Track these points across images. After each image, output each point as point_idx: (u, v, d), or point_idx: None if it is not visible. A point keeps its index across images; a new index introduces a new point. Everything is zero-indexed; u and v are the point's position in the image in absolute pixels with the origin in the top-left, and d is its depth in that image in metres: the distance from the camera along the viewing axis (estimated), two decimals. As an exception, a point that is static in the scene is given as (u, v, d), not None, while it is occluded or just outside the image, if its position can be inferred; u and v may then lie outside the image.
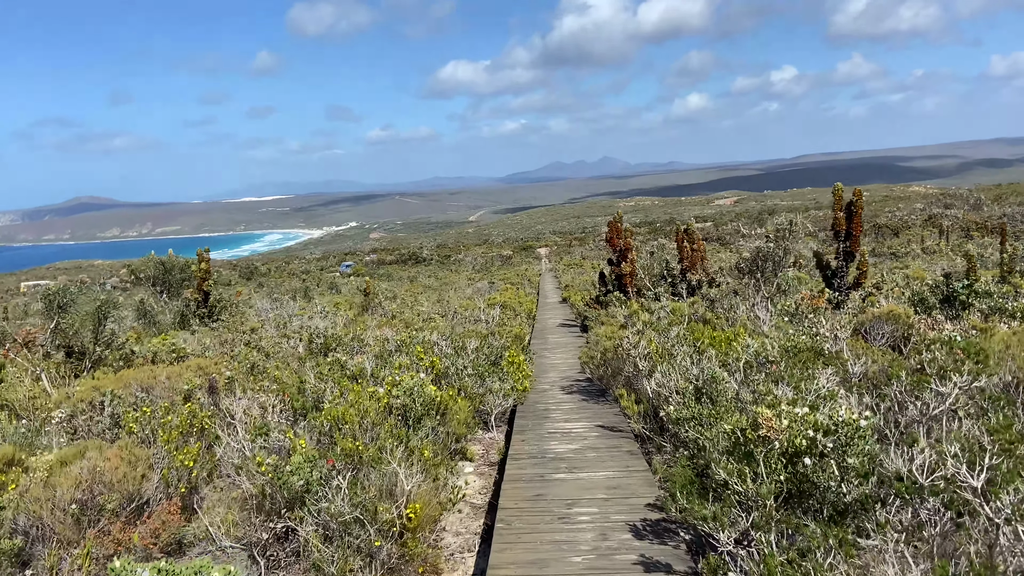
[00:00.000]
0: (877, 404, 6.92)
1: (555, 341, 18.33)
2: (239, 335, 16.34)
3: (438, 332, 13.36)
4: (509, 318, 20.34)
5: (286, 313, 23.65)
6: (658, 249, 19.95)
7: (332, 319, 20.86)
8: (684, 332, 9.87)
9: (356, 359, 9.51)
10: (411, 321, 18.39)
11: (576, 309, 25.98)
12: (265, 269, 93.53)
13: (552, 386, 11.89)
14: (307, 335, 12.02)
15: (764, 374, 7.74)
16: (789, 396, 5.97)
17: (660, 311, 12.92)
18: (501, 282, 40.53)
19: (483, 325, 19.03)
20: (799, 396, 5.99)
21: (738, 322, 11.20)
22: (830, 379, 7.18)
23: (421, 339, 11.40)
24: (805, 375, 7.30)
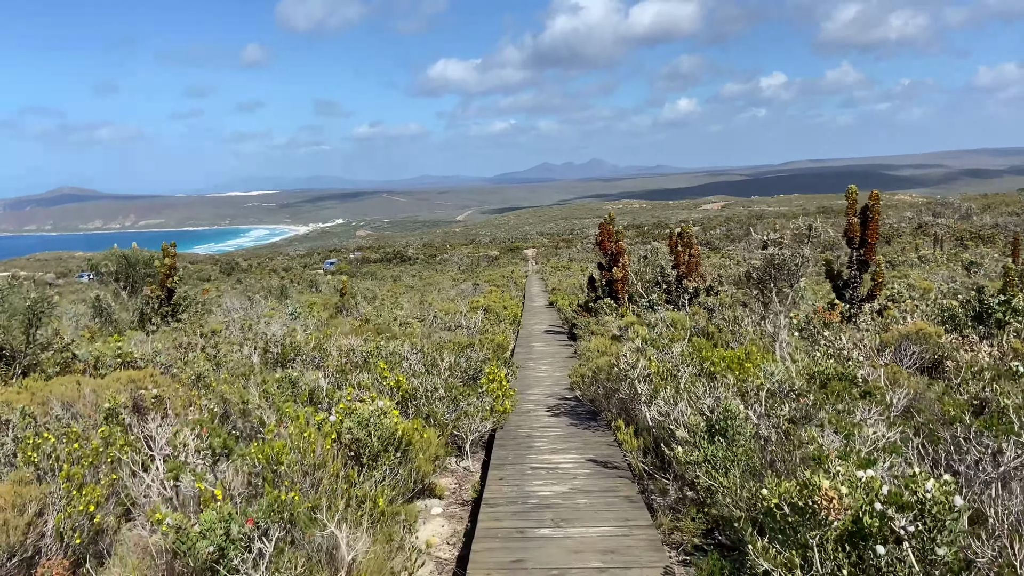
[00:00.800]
0: (924, 446, 5.70)
1: (541, 350, 17.05)
2: (196, 339, 14.92)
3: (411, 341, 12.05)
4: (492, 324, 19.04)
5: (255, 314, 22.22)
6: (652, 253, 18.71)
7: (304, 321, 19.47)
8: (688, 350, 8.62)
9: (310, 375, 8.17)
10: (385, 326, 17.03)
11: (563, 315, 24.71)
12: (247, 265, 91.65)
13: (537, 405, 10.60)
14: (262, 343, 10.68)
15: (789, 406, 6.50)
16: (835, 445, 4.72)
17: (659, 323, 11.67)
18: (486, 284, 39.21)
19: (464, 332, 17.73)
20: (848, 446, 4.74)
21: (746, 338, 9.98)
22: (871, 415, 5.95)
23: (390, 350, 10.09)
24: (844, 413, 6.06)
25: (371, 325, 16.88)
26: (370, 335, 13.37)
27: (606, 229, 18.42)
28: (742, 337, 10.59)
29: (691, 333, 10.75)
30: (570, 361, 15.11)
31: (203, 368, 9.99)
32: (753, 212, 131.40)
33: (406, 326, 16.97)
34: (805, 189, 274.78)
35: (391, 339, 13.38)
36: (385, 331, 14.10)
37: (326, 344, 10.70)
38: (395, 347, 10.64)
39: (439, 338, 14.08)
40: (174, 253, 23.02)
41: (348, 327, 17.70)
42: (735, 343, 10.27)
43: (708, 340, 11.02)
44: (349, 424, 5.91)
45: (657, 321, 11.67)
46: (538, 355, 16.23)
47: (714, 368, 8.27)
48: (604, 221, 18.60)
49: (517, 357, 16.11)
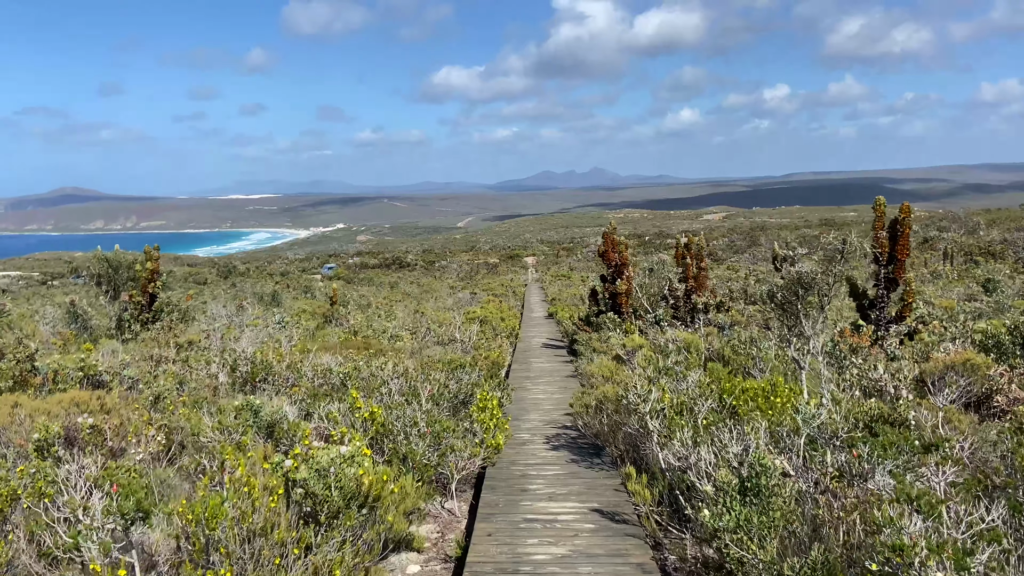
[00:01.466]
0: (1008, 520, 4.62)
1: (540, 367, 15.97)
2: (168, 351, 13.86)
3: (398, 359, 10.99)
4: (488, 338, 17.97)
5: (241, 322, 21.17)
6: (658, 266, 17.66)
7: (289, 331, 18.40)
8: (706, 380, 7.56)
9: (275, 403, 7.12)
10: (374, 340, 15.96)
11: (563, 328, 23.64)
12: (244, 268, 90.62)
13: (533, 435, 9.51)
14: (231, 360, 9.61)
15: (833, 455, 5.44)
16: (918, 527, 3.65)
17: (670, 344, 10.59)
18: (484, 293, 38.15)
19: (458, 346, 16.67)
20: (935, 529, 3.67)
21: (768, 365, 8.93)
22: (941, 474, 4.88)
23: (370, 371, 9.04)
24: (906, 468, 4.99)
25: (359, 338, 15.82)
26: (354, 351, 12.32)
27: (610, 239, 17.37)
28: (762, 363, 9.52)
29: (705, 356, 9.69)
30: (570, 381, 14.05)
31: (163, 388, 8.93)
32: (755, 223, 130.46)
33: (396, 339, 15.91)
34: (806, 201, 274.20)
35: (376, 355, 12.31)
36: (372, 345, 13.05)
37: (301, 363, 9.64)
38: (376, 367, 9.59)
39: (430, 354, 13.02)
40: (157, 257, 21.97)
41: (335, 338, 16.64)
42: (756, 371, 9.20)
43: (724, 366, 9.95)
44: (305, 474, 4.85)
45: (668, 343, 10.60)
46: (536, 373, 15.16)
47: (736, 403, 7.21)
48: (608, 230, 17.57)
49: (514, 375, 15.04)
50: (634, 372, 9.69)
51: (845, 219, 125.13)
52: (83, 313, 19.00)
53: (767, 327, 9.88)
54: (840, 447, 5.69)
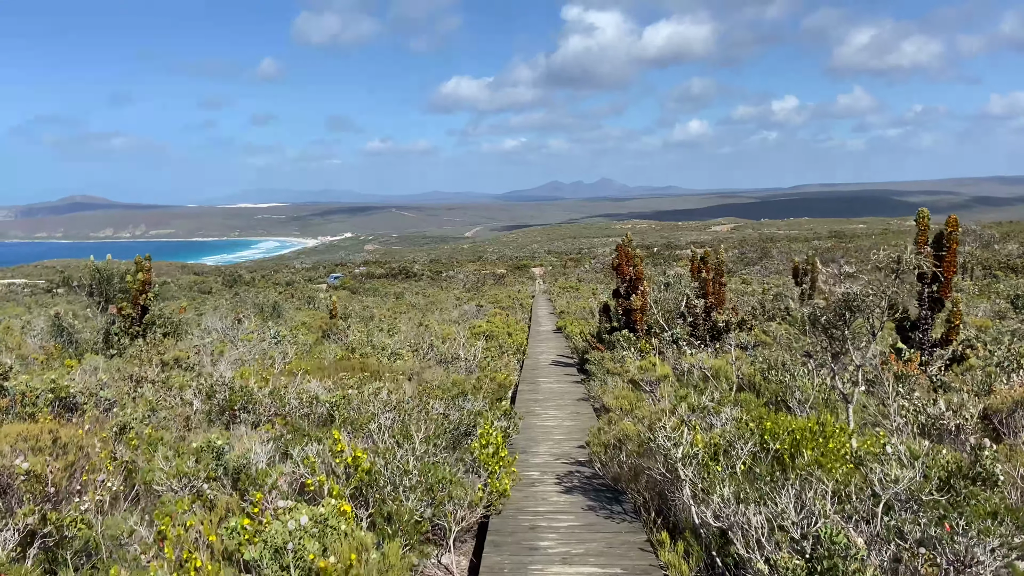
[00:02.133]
0: None
1: (549, 388, 14.95)
2: (151, 369, 12.91)
3: (394, 383, 10.00)
4: (494, 356, 16.95)
5: (236, 336, 20.24)
6: (675, 280, 16.64)
7: (283, 348, 17.45)
8: (744, 418, 6.53)
9: (244, 444, 6.14)
10: (372, 356, 14.98)
11: (573, 343, 22.61)
12: (250, 277, 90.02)
13: (543, 473, 8.48)
14: (207, 386, 8.64)
15: (913, 520, 4.41)
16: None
17: (694, 370, 9.53)
18: (490, 305, 37.16)
19: (462, 364, 15.67)
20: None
21: (808, 397, 7.89)
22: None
23: (362, 400, 8.05)
24: (1012, 549, 3.96)
25: (356, 356, 14.84)
26: (349, 373, 11.34)
27: (624, 251, 16.37)
28: (799, 394, 8.48)
29: (736, 384, 8.65)
30: (582, 406, 13.02)
31: (130, 417, 7.97)
32: (763, 235, 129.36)
33: (396, 357, 14.92)
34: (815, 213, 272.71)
35: (372, 379, 11.32)
36: (368, 367, 12.07)
37: (286, 388, 8.66)
38: (368, 395, 8.60)
39: (431, 376, 12.03)
40: (149, 267, 21.09)
41: (332, 356, 15.67)
42: (792, 401, 8.16)
43: (756, 396, 8.91)
44: (256, 553, 3.86)
45: (692, 369, 9.55)
46: (545, 395, 14.13)
47: (782, 447, 6.18)
48: (622, 242, 16.57)
49: (521, 398, 14.01)
50: (657, 403, 8.65)
51: (855, 231, 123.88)
52: (68, 326, 18.12)
53: (808, 356, 8.82)
54: (918, 511, 4.66)
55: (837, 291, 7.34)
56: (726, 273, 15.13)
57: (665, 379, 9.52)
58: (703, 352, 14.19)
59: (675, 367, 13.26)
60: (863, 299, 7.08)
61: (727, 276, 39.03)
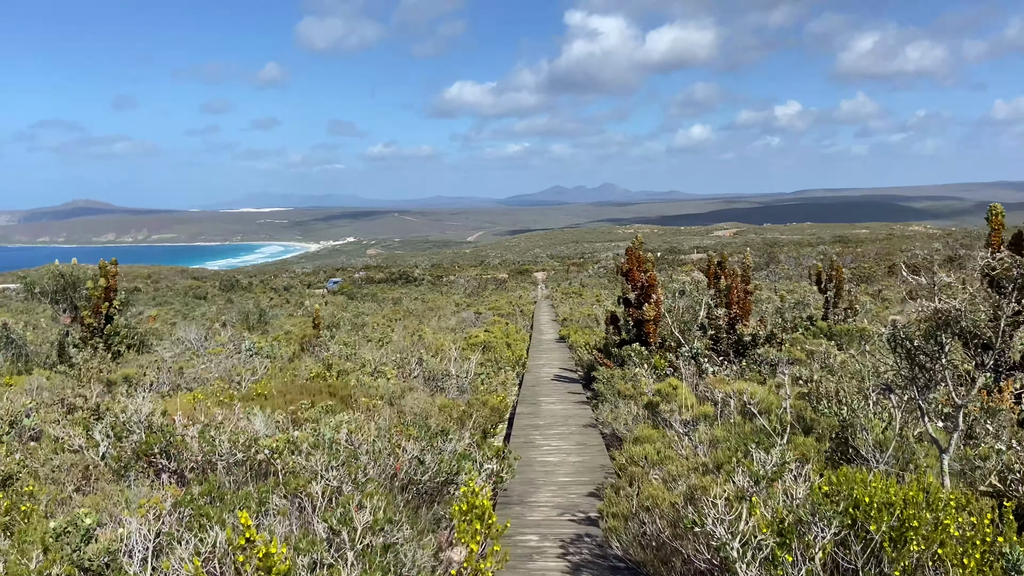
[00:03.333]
0: None
1: (551, 410, 13.16)
2: (91, 391, 11.16)
3: (361, 419, 8.22)
4: (490, 372, 15.15)
5: (204, 348, 18.49)
6: (691, 287, 14.84)
7: (253, 365, 15.69)
8: (819, 484, 4.74)
9: (123, 525, 4.38)
10: (352, 372, 13.19)
11: (578, 355, 20.81)
12: (247, 282, 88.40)
13: (543, 539, 6.67)
14: (118, 427, 6.86)
15: None
16: None
17: (730, 400, 7.69)
18: (490, 312, 35.36)
19: (453, 382, 13.87)
20: None
21: (885, 441, 6.12)
22: None
23: (311, 444, 6.29)
24: None
25: (333, 374, 13.06)
26: (314, 397, 9.56)
27: (635, 255, 14.57)
28: (866, 434, 6.68)
29: (787, 421, 6.85)
30: (590, 434, 11.22)
31: (13, 468, 6.22)
32: (766, 239, 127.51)
33: (378, 375, 13.13)
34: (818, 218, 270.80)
35: (340, 405, 9.53)
36: (337, 392, 10.29)
37: (222, 425, 6.89)
38: (326, 432, 6.83)
39: (412, 402, 10.24)
40: (114, 272, 19.36)
41: (305, 372, 13.89)
42: (866, 448, 6.35)
43: (807, 435, 7.10)
44: None
45: (729, 399, 7.74)
46: (547, 419, 12.34)
47: (875, 526, 4.38)
48: (632, 245, 14.78)
49: (519, 423, 12.22)
50: (682, 440, 6.85)
51: (858, 236, 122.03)
52: (17, 338, 16.40)
53: (888, 389, 6.97)
54: None
55: (928, 306, 5.56)
56: (751, 280, 13.34)
57: (705, 419, 7.68)
58: (726, 370, 12.39)
59: (697, 388, 11.46)
60: (974, 320, 5.29)
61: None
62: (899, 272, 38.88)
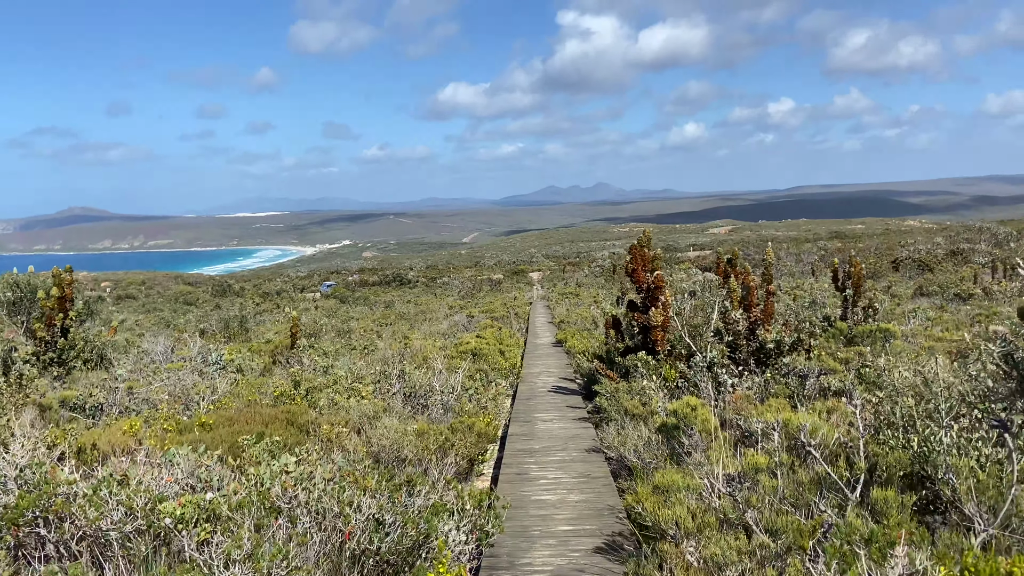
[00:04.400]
0: None
1: (548, 430, 11.60)
2: (15, 417, 9.58)
3: (315, 458, 6.67)
4: (479, 386, 13.58)
5: (168, 362, 16.91)
6: (703, 287, 13.30)
7: (218, 383, 14.09)
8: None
9: None
10: (323, 389, 11.62)
11: (577, 363, 19.26)
12: (239, 287, 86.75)
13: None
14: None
15: None
16: None
17: (774, 434, 6.12)
18: (483, 315, 33.77)
19: (437, 399, 12.29)
20: None
21: (992, 499, 4.59)
22: None
23: (232, 505, 4.76)
24: None
25: (300, 392, 11.49)
26: (266, 426, 8.01)
27: (640, 253, 13.02)
28: (951, 476, 5.14)
29: (861, 468, 5.30)
30: (594, 461, 9.66)
31: None
32: (762, 236, 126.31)
33: (352, 393, 11.56)
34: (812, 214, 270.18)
35: (296, 436, 7.96)
36: (297, 419, 8.71)
37: (122, 483, 5.32)
38: (260, 482, 5.30)
39: (383, 431, 8.68)
40: (70, 280, 17.75)
41: (271, 390, 12.31)
42: (970, 506, 4.81)
43: (895, 493, 5.54)
44: None
45: (771, 431, 6.16)
46: (544, 442, 10.78)
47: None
48: (637, 242, 13.22)
49: (511, 447, 10.65)
50: (723, 502, 5.29)
51: (854, 231, 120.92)
52: (-46, 355, 14.80)
53: (999, 421, 5.42)
54: None
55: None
56: (773, 278, 11.79)
57: (715, 435, 6.09)
58: (747, 382, 10.84)
59: (717, 407, 9.91)
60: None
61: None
62: (903, 266, 37.07)
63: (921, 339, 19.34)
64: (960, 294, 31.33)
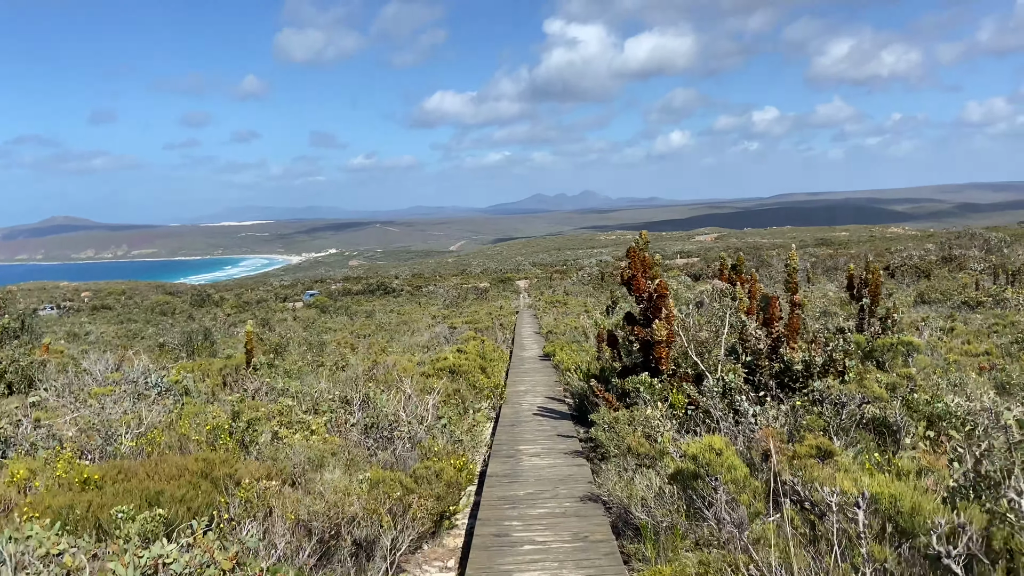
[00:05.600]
0: None
1: (535, 468, 9.76)
2: None
3: (225, 523, 4.81)
4: (456, 414, 11.71)
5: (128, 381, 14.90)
6: (712, 297, 11.51)
7: (149, 409, 12.17)
8: None
9: None
10: (262, 425, 9.73)
11: (567, 381, 17.43)
12: (218, 297, 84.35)
13: None
14: None
15: None
16: None
17: (859, 511, 4.36)
18: (466, 326, 31.88)
19: (404, 430, 10.42)
20: None
21: None
22: None
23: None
24: None
25: (240, 426, 9.59)
26: (161, 488, 6.16)
27: (639, 258, 11.25)
28: None
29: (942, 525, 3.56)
30: (591, 515, 7.81)
31: None
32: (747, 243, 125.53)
33: (300, 428, 9.68)
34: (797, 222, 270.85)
35: (207, 496, 6.10)
36: (218, 466, 6.84)
37: None
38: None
39: (325, 485, 6.81)
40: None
41: (207, 421, 10.40)
42: None
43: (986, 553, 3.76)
44: None
45: (835, 501, 4.40)
46: (530, 486, 8.93)
47: None
48: (635, 245, 11.45)
49: (489, 494, 8.78)
50: None
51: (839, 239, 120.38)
52: None
53: None
54: None
55: None
56: (798, 287, 10.01)
57: (752, 498, 4.30)
58: (770, 410, 9.06)
59: (737, 442, 8.13)
60: None
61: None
62: (898, 273, 35.02)
63: (943, 352, 17.75)
64: (968, 302, 29.83)
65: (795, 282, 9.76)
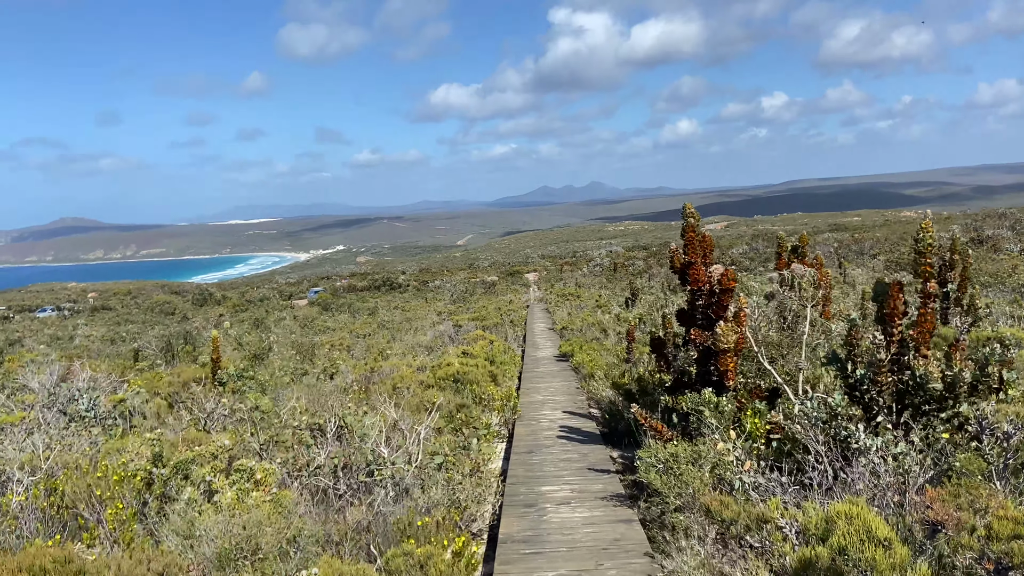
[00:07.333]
0: None
1: (562, 524, 7.08)
2: None
3: None
4: (457, 449, 9.03)
5: (54, 399, 12.34)
6: (786, 284, 8.72)
7: (94, 437, 9.59)
8: None
9: None
10: (190, 470, 7.14)
11: (590, 388, 14.72)
12: (220, 296, 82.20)
13: None
14: None
15: None
16: None
17: None
18: (473, 323, 29.19)
19: (387, 470, 7.79)
20: None
21: None
22: None
23: None
24: None
25: (162, 471, 7.03)
26: None
27: (696, 239, 8.55)
28: None
29: None
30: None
31: None
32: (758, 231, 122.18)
33: (239, 479, 7.09)
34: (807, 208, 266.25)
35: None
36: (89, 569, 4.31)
37: None
38: None
39: None
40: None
41: (119, 467, 7.83)
42: None
43: None
44: None
45: None
46: (560, 562, 6.25)
47: None
48: (689, 223, 8.73)
49: (502, 572, 6.14)
50: None
51: (851, 224, 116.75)
52: None
53: None
54: None
55: None
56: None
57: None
58: (898, 447, 6.35)
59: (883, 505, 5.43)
60: None
61: (748, 274, 29.72)
62: None
63: (1040, 347, 14.99)
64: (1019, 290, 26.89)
65: (929, 264, 7.03)
